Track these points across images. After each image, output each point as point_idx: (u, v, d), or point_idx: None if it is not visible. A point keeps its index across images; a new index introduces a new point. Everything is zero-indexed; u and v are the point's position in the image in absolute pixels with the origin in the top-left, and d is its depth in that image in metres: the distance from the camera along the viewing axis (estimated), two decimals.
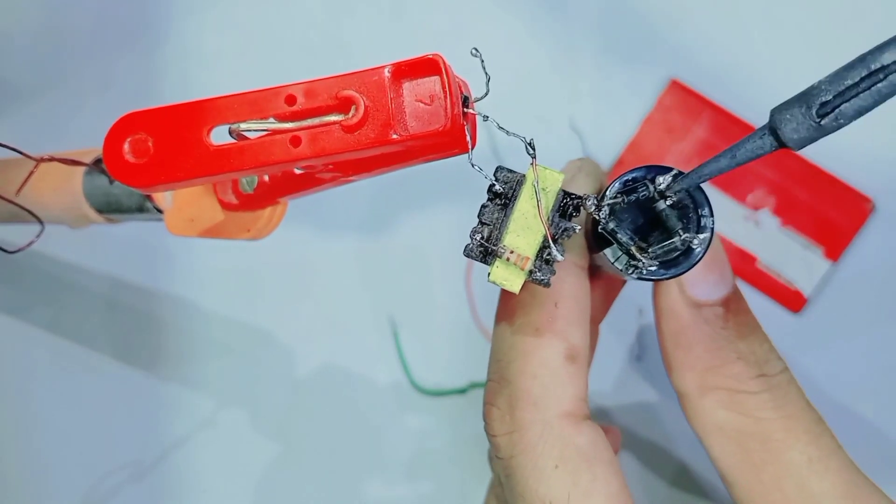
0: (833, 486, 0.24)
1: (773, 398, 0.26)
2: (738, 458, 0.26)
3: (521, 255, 0.23)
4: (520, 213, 0.23)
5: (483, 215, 0.23)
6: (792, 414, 0.25)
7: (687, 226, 0.23)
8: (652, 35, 0.56)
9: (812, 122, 0.19)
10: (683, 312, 0.27)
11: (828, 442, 0.25)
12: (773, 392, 0.26)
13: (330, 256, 0.57)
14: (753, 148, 0.20)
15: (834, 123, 0.19)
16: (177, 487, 0.57)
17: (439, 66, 0.22)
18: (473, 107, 0.23)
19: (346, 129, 0.22)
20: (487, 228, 0.23)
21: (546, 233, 0.23)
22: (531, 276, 0.23)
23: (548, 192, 0.23)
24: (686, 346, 0.27)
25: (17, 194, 0.37)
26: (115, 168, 0.24)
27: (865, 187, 0.53)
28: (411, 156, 0.24)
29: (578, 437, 0.25)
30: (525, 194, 0.23)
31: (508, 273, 0.23)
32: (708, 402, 0.26)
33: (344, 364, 0.57)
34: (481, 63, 0.23)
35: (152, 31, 0.60)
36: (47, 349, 0.59)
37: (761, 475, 0.25)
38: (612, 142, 0.55)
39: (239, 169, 0.23)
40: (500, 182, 0.23)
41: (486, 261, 0.23)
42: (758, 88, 0.54)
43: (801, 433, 0.25)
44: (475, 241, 0.23)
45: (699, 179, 0.22)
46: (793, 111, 0.20)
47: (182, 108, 0.23)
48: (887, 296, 0.52)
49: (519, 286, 0.23)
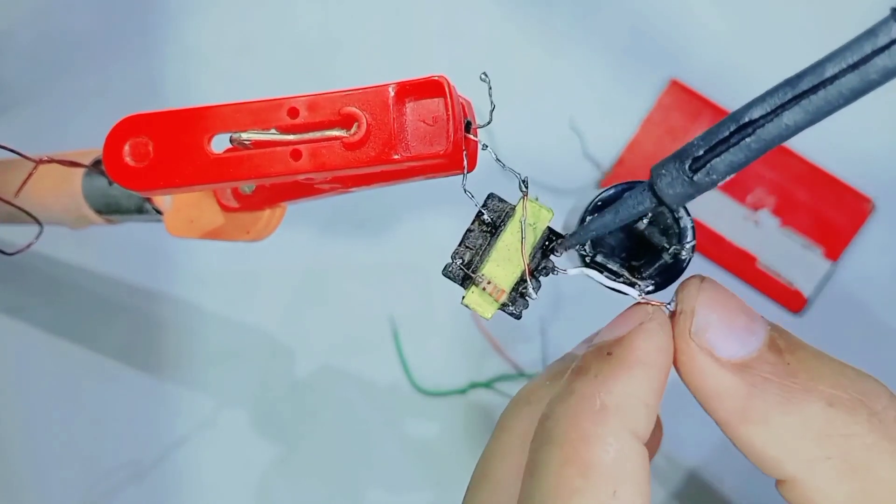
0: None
1: (889, 439, 0.19)
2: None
3: (498, 287, 0.23)
4: (503, 244, 0.23)
5: (467, 239, 0.24)
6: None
7: (668, 232, 0.23)
8: (652, 35, 0.56)
9: (685, 178, 0.19)
10: (732, 385, 0.21)
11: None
12: (889, 428, 0.20)
13: (330, 257, 0.57)
14: (634, 204, 0.20)
15: (707, 178, 0.18)
16: (177, 488, 0.57)
17: (444, 88, 0.22)
18: (476, 133, 0.23)
19: (348, 145, 0.22)
20: (469, 252, 0.24)
21: (525, 269, 0.23)
22: (504, 309, 0.23)
23: (535, 229, 0.23)
24: (760, 421, 0.20)
25: (17, 195, 0.37)
26: (115, 171, 0.23)
27: (865, 187, 0.53)
28: (410, 174, 0.24)
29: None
30: (511, 227, 0.23)
31: (482, 300, 0.23)
32: (821, 480, 0.20)
33: (344, 364, 0.57)
34: (488, 90, 0.23)
35: (151, 32, 0.60)
36: (47, 349, 0.59)
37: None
38: (612, 142, 0.55)
39: (238, 179, 0.23)
40: (489, 210, 0.23)
41: (464, 284, 0.24)
42: (758, 89, 0.54)
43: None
44: (456, 264, 0.24)
45: (586, 236, 0.22)
46: (668, 167, 0.19)
47: (184, 114, 0.23)
48: (887, 296, 0.52)
49: (491, 314, 0.23)
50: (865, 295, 0.52)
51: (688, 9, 0.56)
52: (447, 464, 0.55)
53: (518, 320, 0.23)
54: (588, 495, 0.19)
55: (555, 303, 0.55)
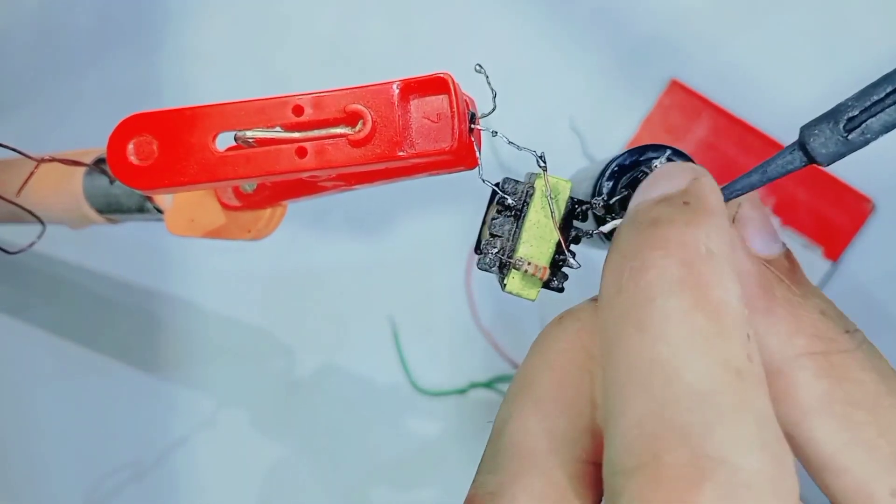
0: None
1: (868, 356, 0.22)
2: (849, 435, 0.21)
3: (538, 266, 0.23)
4: (531, 223, 0.23)
5: (493, 227, 0.24)
6: (887, 373, 0.22)
7: None
8: (652, 35, 0.56)
9: (840, 137, 0.20)
10: (754, 272, 0.22)
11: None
12: (864, 349, 0.22)
13: (330, 257, 0.57)
14: (784, 163, 0.21)
15: (861, 138, 0.20)
16: (177, 487, 0.57)
17: (448, 85, 0.22)
18: (479, 123, 0.23)
19: (353, 143, 0.22)
20: (499, 240, 0.24)
21: (559, 240, 0.23)
22: (548, 285, 0.24)
23: (558, 201, 0.23)
24: (765, 312, 0.22)
25: (18, 195, 0.37)
26: (119, 169, 0.23)
27: (865, 187, 0.53)
28: (416, 170, 0.24)
29: None
30: (535, 204, 0.23)
31: (525, 283, 0.23)
32: (804, 374, 0.22)
33: (344, 364, 0.57)
34: (486, 79, 0.23)
35: (152, 31, 0.60)
36: (48, 349, 0.59)
37: (878, 453, 0.21)
38: (612, 142, 0.55)
39: (243, 177, 0.23)
40: (510, 194, 0.24)
41: (501, 273, 0.24)
42: (757, 88, 0.54)
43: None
44: (491, 255, 0.24)
45: (731, 195, 0.22)
46: (821, 127, 0.20)
47: (188, 112, 0.23)
48: (887, 296, 0.52)
49: (536, 295, 0.24)
50: (865, 295, 0.52)
51: (688, 9, 0.56)
52: (447, 464, 0.55)
53: (561, 293, 0.24)
54: (727, 338, 0.18)
55: (555, 303, 0.55)
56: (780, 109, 0.54)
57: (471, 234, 0.55)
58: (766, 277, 0.23)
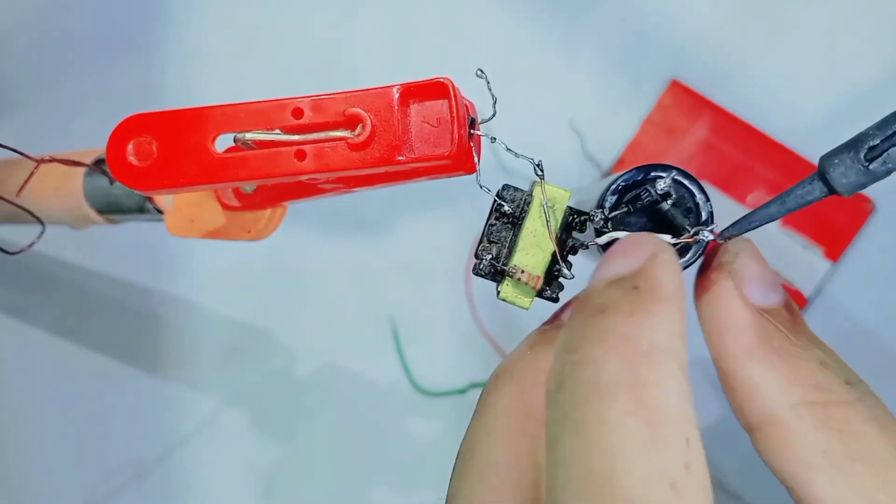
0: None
1: (868, 408, 0.22)
2: (848, 488, 0.21)
3: (532, 275, 0.23)
4: (528, 231, 0.23)
5: (490, 234, 0.24)
6: (889, 425, 0.21)
7: (686, 214, 0.24)
8: (652, 35, 0.56)
9: (860, 167, 0.20)
10: (751, 322, 0.22)
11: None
12: (866, 400, 0.22)
13: (330, 257, 0.57)
14: (803, 194, 0.21)
15: (882, 168, 0.19)
16: (178, 487, 0.57)
17: (448, 89, 0.22)
18: (479, 128, 0.23)
19: (352, 146, 0.22)
20: (496, 247, 0.24)
21: (555, 250, 0.23)
22: (541, 295, 0.24)
23: (555, 210, 0.23)
24: (764, 360, 0.22)
25: (18, 195, 0.37)
26: (118, 170, 0.23)
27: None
28: (415, 174, 0.24)
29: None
30: (533, 213, 0.23)
31: (518, 291, 0.23)
32: (802, 425, 0.21)
33: (344, 364, 0.57)
34: (487, 85, 0.23)
35: (152, 32, 0.60)
36: (48, 349, 0.59)
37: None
38: (612, 142, 0.55)
39: (242, 179, 0.23)
40: (508, 202, 0.24)
41: (496, 279, 0.24)
42: (757, 88, 0.54)
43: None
44: (486, 261, 0.24)
45: (748, 227, 0.22)
46: (841, 156, 0.20)
47: (188, 114, 0.23)
48: (887, 296, 0.52)
49: (529, 303, 0.24)
50: (865, 295, 0.52)
51: (688, 9, 0.56)
52: (447, 464, 0.55)
53: (556, 302, 0.24)
54: (662, 447, 0.18)
55: (554, 307, 0.55)
56: (781, 109, 0.54)
57: (471, 234, 0.55)
58: (764, 328, 0.22)
